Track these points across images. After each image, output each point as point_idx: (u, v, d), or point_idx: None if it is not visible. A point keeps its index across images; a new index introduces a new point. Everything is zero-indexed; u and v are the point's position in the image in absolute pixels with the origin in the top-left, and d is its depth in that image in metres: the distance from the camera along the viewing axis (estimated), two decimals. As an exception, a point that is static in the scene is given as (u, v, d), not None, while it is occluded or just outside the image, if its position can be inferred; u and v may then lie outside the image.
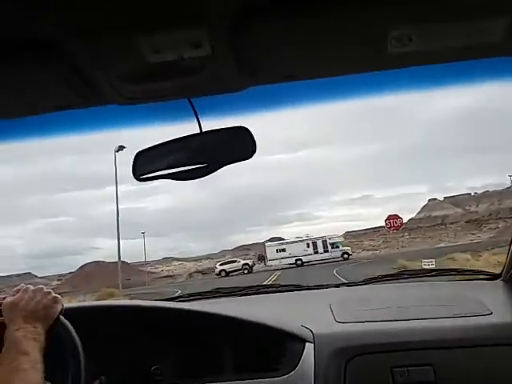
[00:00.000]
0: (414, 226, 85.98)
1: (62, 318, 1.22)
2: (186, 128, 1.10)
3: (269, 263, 40.63)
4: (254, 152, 1.11)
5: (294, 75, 1.00)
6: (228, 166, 1.11)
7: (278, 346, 1.41)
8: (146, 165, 1.15)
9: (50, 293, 1.22)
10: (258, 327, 1.45)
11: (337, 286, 2.18)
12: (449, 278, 2.13)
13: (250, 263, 41.28)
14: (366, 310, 1.61)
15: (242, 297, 2.13)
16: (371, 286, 2.16)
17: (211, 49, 0.83)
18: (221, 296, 2.17)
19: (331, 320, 1.52)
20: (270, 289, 2.22)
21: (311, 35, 0.85)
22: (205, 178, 1.11)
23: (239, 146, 1.12)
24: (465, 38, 0.88)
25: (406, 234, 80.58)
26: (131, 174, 1.14)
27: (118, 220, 28.56)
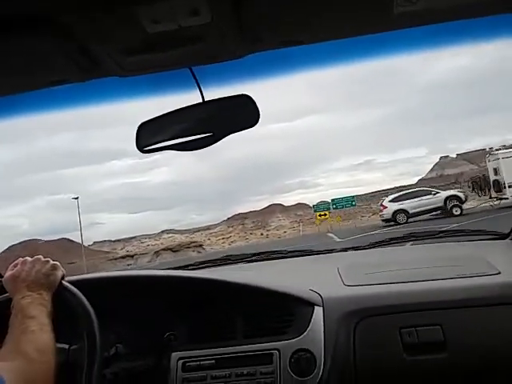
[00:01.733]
0: (427, 185, 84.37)
1: (73, 288, 1.25)
2: (188, 98, 1.09)
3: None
4: (257, 119, 1.10)
5: (296, 40, 0.98)
6: (228, 136, 1.11)
7: (288, 310, 1.44)
8: (150, 136, 1.14)
9: (48, 261, 1.26)
10: (267, 292, 1.47)
11: (344, 249, 2.20)
12: (457, 239, 2.13)
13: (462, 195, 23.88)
14: (374, 273, 1.63)
15: (251, 263, 2.16)
16: (379, 249, 2.18)
17: (211, 16, 0.81)
18: (230, 263, 2.20)
19: (340, 283, 1.54)
20: (278, 254, 2.24)
21: None
22: (206, 149, 1.11)
23: (243, 114, 1.11)
24: None
25: None
26: (132, 148, 1.14)
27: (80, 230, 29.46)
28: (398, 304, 1.39)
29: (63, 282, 1.27)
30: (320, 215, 34.63)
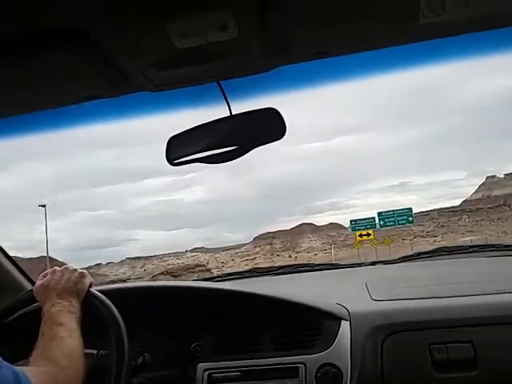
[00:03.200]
0: (473, 207, 79.02)
1: (102, 296, 1.27)
2: (216, 111, 1.11)
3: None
4: (284, 133, 1.11)
5: (323, 52, 0.99)
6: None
7: (314, 324, 1.43)
8: (179, 149, 1.17)
9: (76, 270, 1.28)
10: (294, 306, 1.46)
11: (372, 263, 2.17)
12: (488, 255, 2.07)
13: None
14: (403, 288, 1.60)
15: (278, 276, 2.15)
16: (407, 263, 2.14)
17: (238, 31, 0.82)
18: (257, 275, 2.20)
19: (367, 298, 1.52)
20: (306, 268, 2.23)
21: (341, 9, 0.83)
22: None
23: (269, 127, 1.12)
24: (502, 2, 0.84)
25: (465, 216, 74.66)
26: (167, 166, 1.16)
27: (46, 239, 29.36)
28: (428, 320, 1.35)
29: (92, 290, 1.30)
30: (361, 235, 25.83)
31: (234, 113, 1.10)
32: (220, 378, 1.37)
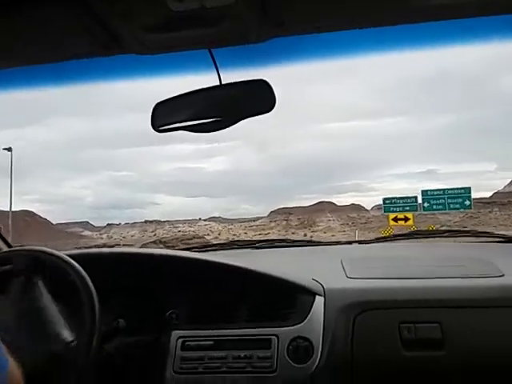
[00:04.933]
0: (505, 200, 75.15)
1: (72, 262, 1.27)
2: (205, 80, 1.09)
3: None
4: (273, 105, 1.10)
5: (318, 27, 0.97)
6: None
7: (289, 298, 1.45)
8: (165, 116, 1.15)
9: None
10: (270, 279, 1.48)
11: (349, 242, 2.20)
12: (462, 240, 2.13)
13: None
14: (377, 268, 1.64)
15: (256, 249, 2.17)
16: (383, 244, 2.18)
17: None
18: (236, 248, 2.22)
19: (342, 275, 1.55)
20: (283, 243, 2.25)
21: None
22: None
23: (259, 99, 1.11)
24: None
25: (496, 209, 70.94)
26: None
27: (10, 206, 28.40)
28: (399, 299, 1.39)
29: (62, 255, 1.29)
30: (396, 219, 19.42)
31: (223, 82, 1.08)
32: (193, 346, 1.39)
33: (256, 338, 1.38)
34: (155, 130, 1.15)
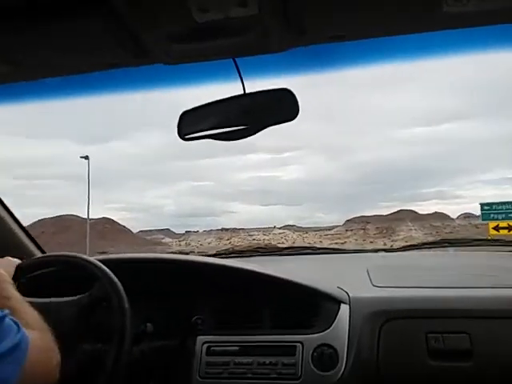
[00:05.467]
0: None
1: (103, 266, 1.29)
2: (229, 89, 1.11)
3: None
4: (296, 114, 1.11)
5: (342, 35, 0.98)
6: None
7: (314, 305, 1.45)
8: (191, 125, 1.17)
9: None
10: (295, 286, 1.48)
11: (375, 251, 2.18)
12: (494, 249, 2.07)
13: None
14: (404, 276, 1.61)
15: (281, 256, 2.17)
16: (411, 252, 2.15)
17: (258, 8, 0.82)
18: (261, 255, 2.22)
19: (368, 284, 1.53)
20: (309, 250, 2.25)
21: None
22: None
23: (283, 107, 1.12)
24: None
25: None
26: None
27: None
28: (427, 309, 1.37)
29: (93, 259, 1.33)
30: (498, 228, 15.52)
31: (247, 91, 1.10)
32: (218, 352, 1.40)
33: (281, 344, 1.38)
34: (181, 139, 1.17)
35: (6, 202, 1.74)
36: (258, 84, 1.13)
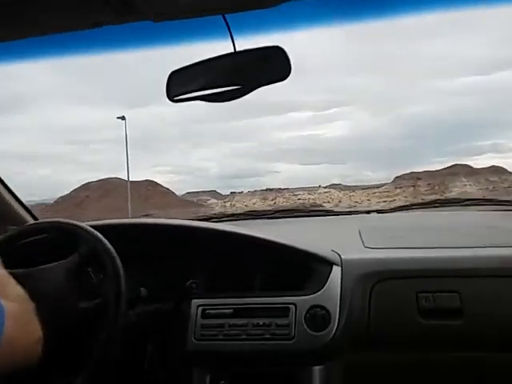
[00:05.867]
0: None
1: (95, 232, 1.28)
2: (219, 47, 1.06)
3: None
4: (289, 72, 1.07)
5: None
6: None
7: (306, 267, 1.46)
8: (180, 86, 1.13)
9: None
10: (287, 249, 1.49)
11: (367, 212, 2.19)
12: (485, 209, 2.09)
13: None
14: (396, 237, 1.62)
15: (273, 219, 2.17)
16: (402, 213, 2.16)
17: None
18: (252, 218, 2.22)
19: (360, 245, 1.55)
20: (301, 213, 2.25)
21: None
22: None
23: (275, 65, 1.08)
24: None
25: None
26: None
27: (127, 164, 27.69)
28: (417, 269, 1.39)
29: (85, 225, 1.31)
30: None
31: (238, 49, 1.06)
32: (213, 314, 1.42)
33: (274, 306, 1.40)
34: (170, 100, 1.14)
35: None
36: (249, 41, 1.08)
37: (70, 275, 1.23)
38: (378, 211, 2.19)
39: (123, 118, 28.46)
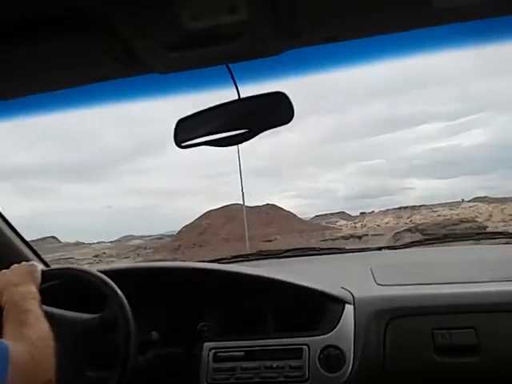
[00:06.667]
0: None
1: (104, 277, 1.29)
2: (224, 95, 1.11)
3: None
4: (292, 117, 1.10)
5: (334, 36, 0.98)
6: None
7: (318, 307, 1.44)
8: (187, 132, 1.17)
9: (23, 263, 1.29)
10: (298, 289, 1.48)
11: (379, 248, 2.17)
12: (496, 242, 2.06)
13: None
14: (408, 273, 1.61)
15: (284, 259, 2.17)
16: (414, 249, 2.14)
17: (248, 14, 0.82)
18: (263, 258, 2.22)
19: (372, 282, 1.53)
20: (311, 251, 2.24)
21: None
22: None
23: (278, 111, 1.12)
24: None
25: None
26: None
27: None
28: (431, 305, 1.37)
29: (94, 271, 1.32)
30: None
31: (242, 96, 1.10)
32: (225, 357, 1.40)
33: (287, 347, 1.38)
34: (178, 147, 1.17)
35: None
36: (253, 88, 1.12)
37: (89, 335, 1.27)
38: (390, 247, 2.18)
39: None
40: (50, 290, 1.36)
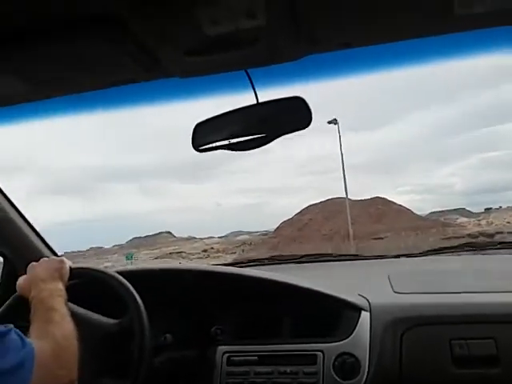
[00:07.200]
0: None
1: (121, 278, 1.30)
2: (242, 99, 1.11)
3: None
4: (310, 121, 1.11)
5: (352, 42, 0.98)
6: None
7: (334, 313, 1.43)
8: (205, 136, 1.18)
9: (53, 258, 1.32)
10: (315, 294, 1.47)
11: (396, 256, 2.15)
12: None
13: None
14: (426, 282, 1.59)
15: (300, 264, 2.16)
16: (432, 257, 2.11)
17: (267, 19, 0.83)
18: (279, 263, 2.21)
19: (389, 290, 1.51)
20: (328, 257, 2.23)
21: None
22: None
23: (296, 115, 1.12)
24: None
25: None
26: None
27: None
28: (450, 314, 1.34)
29: (111, 272, 1.34)
30: None
31: (260, 100, 1.11)
32: (238, 361, 1.40)
33: (301, 353, 1.37)
34: (196, 150, 1.18)
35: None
36: (271, 93, 1.13)
37: (105, 340, 1.27)
38: (407, 255, 2.15)
39: (335, 121, 24.17)
40: (73, 289, 1.38)
